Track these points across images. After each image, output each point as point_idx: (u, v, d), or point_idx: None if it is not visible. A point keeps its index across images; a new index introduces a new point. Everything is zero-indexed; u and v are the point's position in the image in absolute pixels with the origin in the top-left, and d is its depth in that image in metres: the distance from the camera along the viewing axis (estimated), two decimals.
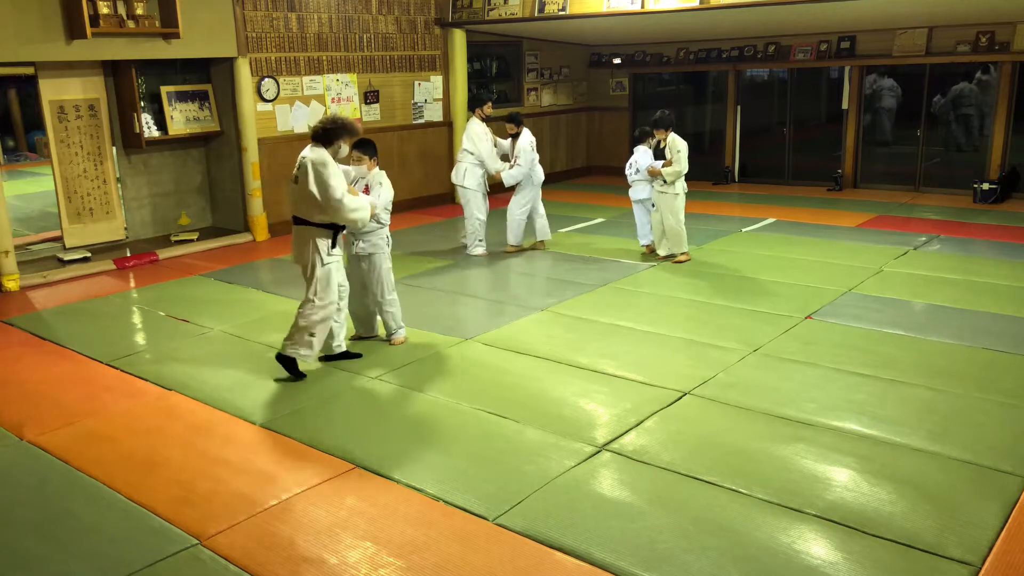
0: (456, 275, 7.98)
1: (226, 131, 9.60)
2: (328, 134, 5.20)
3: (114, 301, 7.43)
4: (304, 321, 5.28)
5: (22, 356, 6.02)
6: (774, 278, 7.40)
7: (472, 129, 8.52)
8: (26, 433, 4.69)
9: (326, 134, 5.20)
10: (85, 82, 8.69)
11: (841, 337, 5.83)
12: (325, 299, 5.32)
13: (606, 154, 14.22)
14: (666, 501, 3.77)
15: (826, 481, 3.91)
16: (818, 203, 11.02)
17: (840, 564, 3.28)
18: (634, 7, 9.50)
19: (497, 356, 5.71)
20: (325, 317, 5.32)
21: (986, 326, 5.99)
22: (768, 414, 4.64)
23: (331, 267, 5.31)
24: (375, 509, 3.79)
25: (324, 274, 5.29)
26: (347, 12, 10.35)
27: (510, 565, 3.34)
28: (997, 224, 9.42)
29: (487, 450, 4.32)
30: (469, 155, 8.51)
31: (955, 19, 10.52)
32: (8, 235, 7.80)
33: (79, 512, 3.84)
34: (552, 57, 13.37)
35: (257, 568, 3.37)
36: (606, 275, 7.63)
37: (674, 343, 5.84)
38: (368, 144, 5.66)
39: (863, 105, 11.89)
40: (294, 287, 7.47)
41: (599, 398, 4.93)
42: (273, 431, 4.64)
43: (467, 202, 8.55)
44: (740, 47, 12.47)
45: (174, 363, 5.75)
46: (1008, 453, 4.12)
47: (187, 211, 9.94)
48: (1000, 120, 10.79)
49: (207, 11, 8.85)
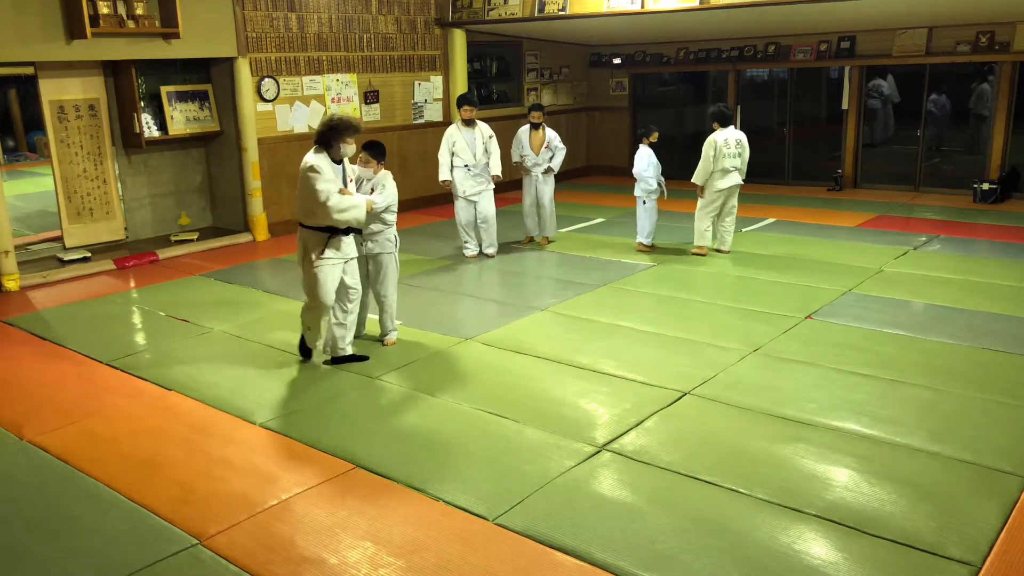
0: (456, 275, 7.98)
1: (226, 131, 9.60)
2: (325, 136, 5.26)
3: (114, 301, 7.43)
4: (303, 317, 5.61)
5: (22, 356, 6.02)
6: (774, 278, 7.40)
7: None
8: (26, 433, 4.69)
9: (323, 136, 5.26)
10: (85, 82, 8.69)
11: (841, 337, 5.83)
12: (314, 301, 5.43)
13: (606, 154, 14.22)
14: (666, 501, 3.77)
15: (826, 481, 3.91)
16: (818, 203, 11.02)
17: (840, 564, 3.28)
18: (634, 7, 9.50)
19: (497, 356, 5.71)
20: (315, 317, 5.51)
21: (986, 326, 5.99)
22: (768, 414, 4.64)
23: (323, 271, 5.34)
24: (375, 509, 3.79)
25: (312, 278, 5.38)
26: (347, 12, 10.34)
27: (510, 565, 3.34)
28: (997, 224, 9.42)
29: (487, 450, 4.32)
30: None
31: (955, 19, 10.52)
32: (8, 235, 7.80)
33: (79, 512, 3.84)
34: (552, 57, 13.37)
35: (257, 568, 3.37)
36: (606, 275, 7.63)
37: (674, 343, 5.84)
38: (377, 147, 5.66)
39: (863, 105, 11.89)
40: (294, 287, 7.47)
41: (599, 398, 4.93)
42: (273, 431, 4.64)
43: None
44: (740, 47, 12.47)
45: (174, 363, 5.74)
46: (1008, 453, 4.12)
47: (187, 211, 9.94)
48: (1000, 120, 10.79)
49: (207, 11, 8.85)
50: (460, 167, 8.27)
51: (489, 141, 8.32)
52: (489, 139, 8.32)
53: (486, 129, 8.36)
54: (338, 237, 5.34)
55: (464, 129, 8.24)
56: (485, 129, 8.35)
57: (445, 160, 8.33)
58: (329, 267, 5.36)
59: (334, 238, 5.33)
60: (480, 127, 8.30)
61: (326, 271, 5.36)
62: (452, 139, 8.25)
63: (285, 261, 8.66)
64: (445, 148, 8.32)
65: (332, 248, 5.34)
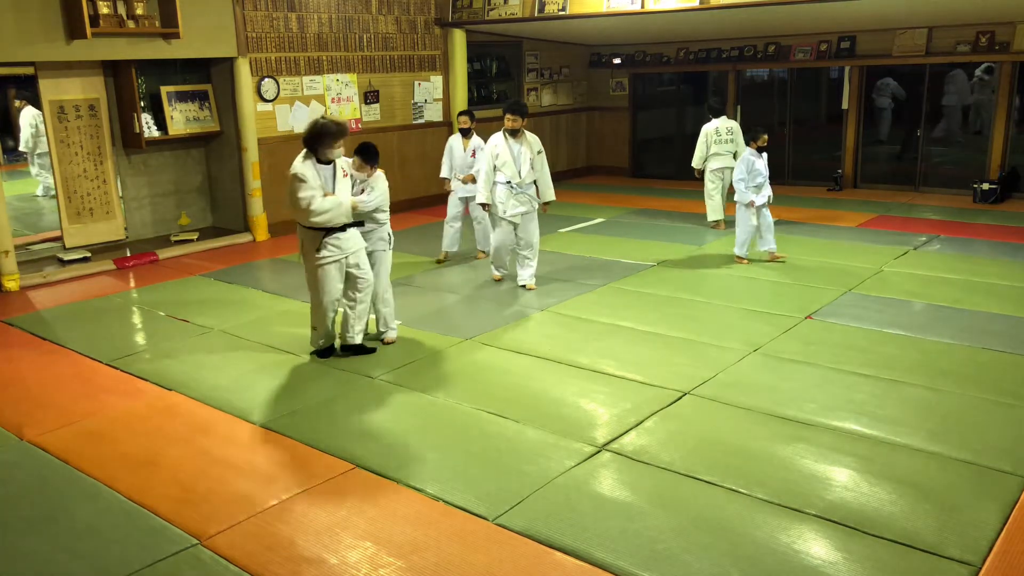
0: (456, 275, 7.97)
1: (226, 131, 9.59)
2: (308, 142, 5.36)
3: (114, 301, 7.43)
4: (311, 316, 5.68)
5: (22, 356, 6.02)
6: (774, 278, 7.40)
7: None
8: (26, 433, 4.69)
9: (307, 142, 5.37)
10: (85, 82, 8.68)
11: (841, 337, 5.83)
12: (315, 298, 5.51)
13: (606, 154, 14.22)
14: (666, 501, 3.77)
15: (826, 481, 3.91)
16: (818, 203, 11.02)
17: (840, 564, 3.28)
18: (634, 7, 9.50)
19: (497, 356, 5.71)
20: (319, 316, 5.55)
21: (986, 326, 5.99)
22: (768, 414, 4.64)
23: (322, 269, 5.42)
24: (375, 509, 3.79)
25: (311, 276, 5.49)
26: (347, 12, 10.34)
27: (510, 565, 3.34)
28: (997, 224, 9.41)
29: (487, 450, 4.32)
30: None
31: (955, 19, 10.52)
32: (8, 235, 7.80)
33: (79, 512, 3.84)
34: (552, 57, 13.37)
35: (257, 568, 3.37)
36: (606, 275, 7.63)
37: (674, 343, 5.84)
38: (369, 151, 5.67)
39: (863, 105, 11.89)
40: (294, 287, 7.48)
41: (599, 398, 4.93)
42: (273, 431, 4.64)
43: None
44: (740, 47, 12.47)
45: (174, 363, 5.75)
46: (1008, 453, 4.12)
47: (187, 211, 9.94)
48: (1000, 120, 10.79)
49: (207, 11, 8.85)
50: (502, 184, 7.10)
51: (538, 156, 7.15)
52: (538, 154, 7.16)
53: (536, 142, 7.18)
54: (334, 235, 5.40)
55: (511, 140, 7.08)
56: (535, 142, 7.17)
57: (489, 178, 7.13)
58: (327, 265, 5.41)
59: (330, 236, 5.38)
60: (528, 139, 7.13)
61: (325, 269, 5.41)
62: (496, 151, 7.09)
63: (285, 261, 8.67)
64: (488, 161, 7.12)
65: (330, 246, 5.39)
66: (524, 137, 7.10)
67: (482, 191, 7.17)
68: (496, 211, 7.21)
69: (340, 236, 5.41)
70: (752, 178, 7.76)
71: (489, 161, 7.11)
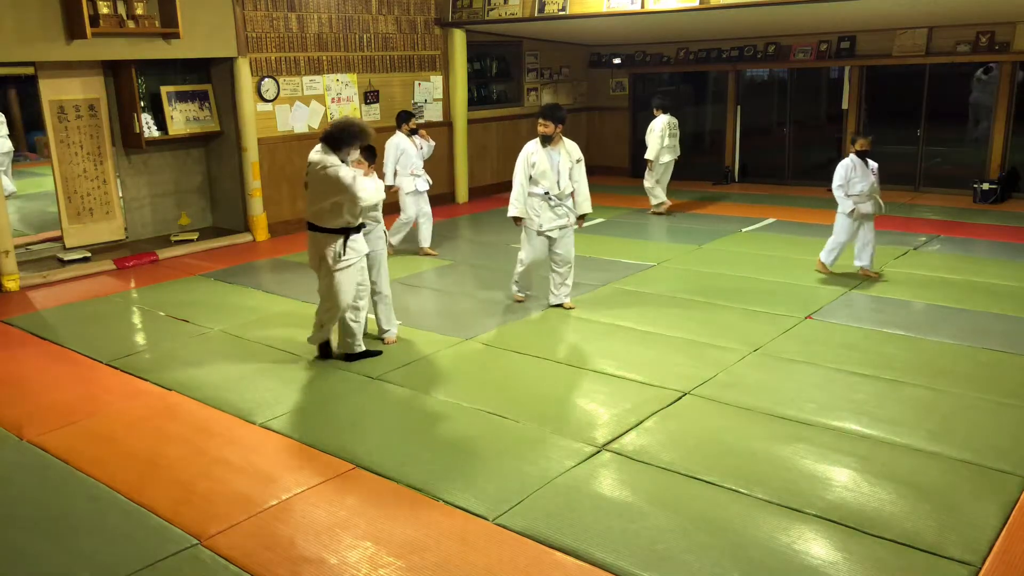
0: (456, 275, 7.98)
1: (226, 131, 9.59)
2: (336, 139, 5.19)
3: (114, 301, 7.43)
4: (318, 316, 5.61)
5: (22, 356, 6.02)
6: (774, 278, 7.40)
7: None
8: (26, 433, 4.69)
9: (336, 141, 5.19)
10: (85, 82, 8.68)
11: (841, 337, 5.83)
12: (331, 302, 5.42)
13: (606, 154, 14.21)
14: (666, 501, 3.77)
15: (826, 481, 3.91)
16: (818, 203, 11.00)
17: (840, 564, 3.28)
18: (634, 7, 9.50)
19: (497, 356, 5.71)
20: (331, 317, 5.49)
21: (986, 326, 5.99)
22: (768, 414, 4.64)
23: (344, 272, 5.32)
24: (375, 509, 3.79)
25: (330, 281, 5.37)
26: (347, 12, 10.34)
27: (510, 565, 3.34)
28: (997, 224, 9.42)
29: (487, 450, 4.32)
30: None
31: (955, 19, 10.52)
32: (8, 235, 7.80)
33: (79, 512, 3.84)
34: (552, 57, 13.36)
35: (257, 568, 3.37)
36: (606, 275, 7.63)
37: (674, 343, 5.84)
38: (369, 148, 5.66)
39: (862, 105, 11.89)
40: (294, 287, 7.49)
41: (599, 398, 4.93)
42: (273, 431, 4.64)
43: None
44: (740, 47, 12.47)
45: (174, 363, 5.74)
46: (1008, 453, 4.12)
47: (187, 211, 9.93)
48: (1000, 120, 10.79)
49: (207, 11, 8.85)
50: (538, 195, 6.48)
51: (577, 165, 6.57)
52: (577, 163, 6.57)
53: (575, 150, 6.60)
54: (352, 236, 5.31)
55: (549, 148, 6.47)
56: (573, 150, 6.59)
57: (524, 190, 6.48)
58: (349, 268, 5.35)
59: (349, 238, 5.30)
60: (567, 146, 6.54)
61: (347, 273, 5.34)
62: (531, 160, 6.46)
63: (285, 261, 8.67)
64: (522, 171, 6.47)
65: (351, 249, 5.32)
66: (562, 144, 6.50)
67: (516, 203, 6.50)
68: (530, 225, 6.54)
69: (357, 238, 5.35)
70: (851, 185, 7.16)
71: (524, 170, 6.45)
